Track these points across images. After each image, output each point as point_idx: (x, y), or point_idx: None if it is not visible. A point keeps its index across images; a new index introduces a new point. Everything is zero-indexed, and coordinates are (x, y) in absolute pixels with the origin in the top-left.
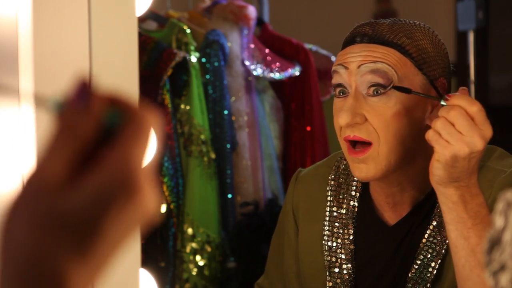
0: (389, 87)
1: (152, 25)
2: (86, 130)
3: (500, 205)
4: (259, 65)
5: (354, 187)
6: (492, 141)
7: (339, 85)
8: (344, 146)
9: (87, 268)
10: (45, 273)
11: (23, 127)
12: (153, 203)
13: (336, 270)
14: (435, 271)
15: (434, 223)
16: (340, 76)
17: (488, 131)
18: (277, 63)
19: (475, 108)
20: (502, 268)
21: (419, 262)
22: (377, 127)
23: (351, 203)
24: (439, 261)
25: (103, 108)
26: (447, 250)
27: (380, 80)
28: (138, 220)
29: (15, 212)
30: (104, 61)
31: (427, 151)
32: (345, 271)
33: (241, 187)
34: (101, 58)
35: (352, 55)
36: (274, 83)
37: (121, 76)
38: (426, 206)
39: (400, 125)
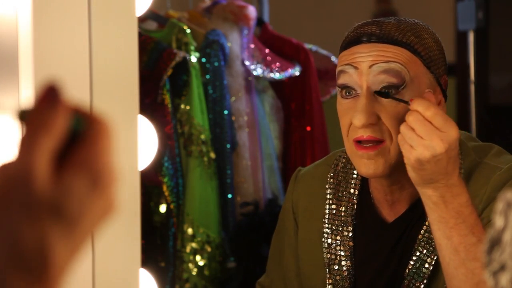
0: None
1: (152, 25)
2: (60, 128)
3: (500, 205)
4: (259, 65)
5: (353, 185)
6: (492, 141)
7: (346, 85)
8: (349, 144)
9: (68, 246)
10: (31, 249)
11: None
12: (114, 196)
13: (336, 267)
14: (431, 267)
15: (424, 227)
16: (349, 76)
17: (450, 133)
18: (277, 63)
19: (430, 113)
20: (502, 268)
21: (415, 258)
22: (390, 125)
23: (350, 200)
24: (435, 257)
25: (70, 113)
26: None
27: (393, 80)
28: (108, 210)
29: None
30: (104, 61)
31: None
32: (344, 268)
33: (241, 187)
34: (101, 58)
35: (361, 54)
36: (274, 83)
37: (121, 76)
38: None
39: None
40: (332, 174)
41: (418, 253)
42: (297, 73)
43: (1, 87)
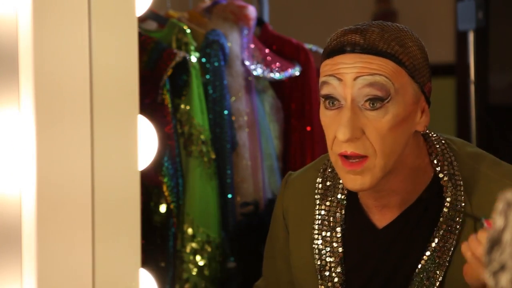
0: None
1: (152, 25)
2: None
3: (500, 205)
4: (259, 65)
5: (341, 190)
6: (492, 141)
7: (330, 96)
8: (334, 157)
9: None
10: None
11: (23, 128)
12: None
13: (327, 273)
14: (438, 283)
15: (437, 235)
16: (333, 88)
17: None
18: (277, 63)
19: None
20: (502, 268)
21: (417, 271)
22: (374, 141)
23: (339, 206)
24: (442, 273)
25: None
26: (451, 261)
27: (378, 93)
28: None
29: None
30: (104, 61)
31: (415, 152)
32: (334, 274)
33: (241, 187)
34: (101, 58)
35: (345, 65)
36: (274, 83)
37: (121, 76)
38: (418, 209)
39: (396, 136)
40: (320, 180)
41: (423, 261)
42: (297, 73)
43: (1, 86)
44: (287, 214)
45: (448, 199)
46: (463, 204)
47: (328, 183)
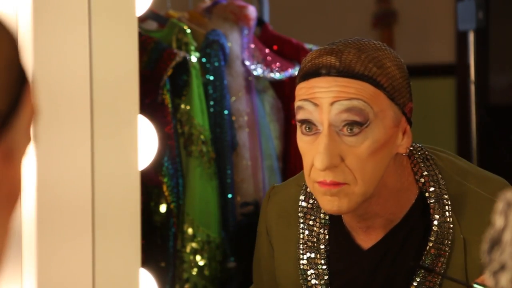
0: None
1: (152, 25)
2: None
3: (500, 205)
4: (259, 65)
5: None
6: (492, 141)
7: (306, 121)
8: (311, 183)
9: None
10: None
11: None
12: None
13: None
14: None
15: (427, 260)
16: (309, 113)
17: None
18: (277, 63)
19: None
20: (502, 268)
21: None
22: (354, 168)
23: (322, 227)
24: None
25: None
26: (441, 285)
27: (356, 118)
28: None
29: None
30: (104, 61)
31: (397, 173)
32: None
33: (241, 187)
34: (101, 58)
35: (321, 89)
36: (274, 83)
37: (121, 76)
38: (403, 230)
39: (376, 162)
40: (303, 197)
41: (418, 279)
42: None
43: None
44: (271, 231)
45: (435, 222)
46: (451, 225)
47: (311, 201)
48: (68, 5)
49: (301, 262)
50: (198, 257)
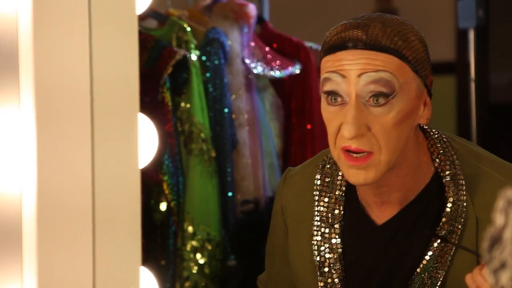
0: None
1: (152, 23)
2: None
3: (500, 203)
4: (259, 63)
5: (339, 187)
6: (493, 140)
7: (333, 92)
8: (337, 152)
9: None
10: None
11: (23, 127)
12: None
13: (326, 269)
14: (439, 282)
15: (438, 240)
16: (337, 84)
17: None
18: (278, 61)
19: None
20: (503, 266)
21: (427, 257)
22: (380, 137)
23: (337, 203)
24: (444, 273)
25: None
26: (452, 261)
27: (383, 90)
28: None
29: None
30: (104, 59)
31: (415, 148)
32: (333, 271)
33: (242, 185)
34: (101, 56)
35: (348, 62)
36: (274, 81)
37: (121, 74)
38: (418, 206)
39: (400, 132)
40: (319, 176)
41: (427, 257)
42: (298, 71)
43: (2, 85)
44: (286, 210)
45: (450, 199)
46: (465, 204)
47: (327, 179)
48: (68, 4)
49: (315, 238)
50: (198, 255)
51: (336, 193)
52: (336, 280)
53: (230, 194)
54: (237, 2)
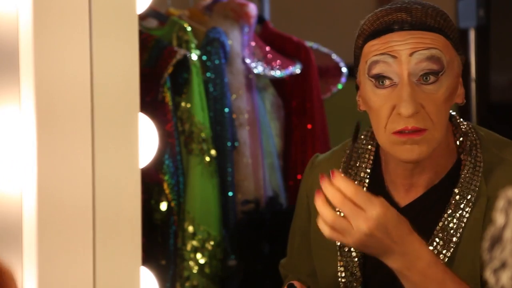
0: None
1: (152, 23)
2: None
3: (501, 203)
4: (259, 63)
5: (364, 169)
6: None
7: (381, 75)
8: (387, 136)
9: None
10: None
11: (24, 127)
12: None
13: (346, 249)
14: (447, 258)
15: (449, 211)
16: (388, 66)
17: (371, 212)
18: (278, 61)
19: (350, 191)
20: (503, 265)
21: (431, 248)
22: (433, 114)
23: (361, 184)
24: (451, 249)
25: None
26: (461, 238)
27: (435, 67)
28: None
29: None
30: (105, 59)
31: (446, 129)
32: (352, 250)
33: (242, 185)
34: (101, 56)
35: (398, 43)
36: (274, 81)
37: (121, 74)
38: (440, 191)
39: (447, 108)
40: (345, 159)
41: (435, 244)
42: (298, 71)
43: (2, 85)
44: (310, 194)
45: (463, 175)
46: (478, 184)
47: (352, 162)
48: (69, 3)
49: None
50: (198, 255)
51: (361, 175)
52: (356, 259)
53: (230, 194)
54: (237, 1)
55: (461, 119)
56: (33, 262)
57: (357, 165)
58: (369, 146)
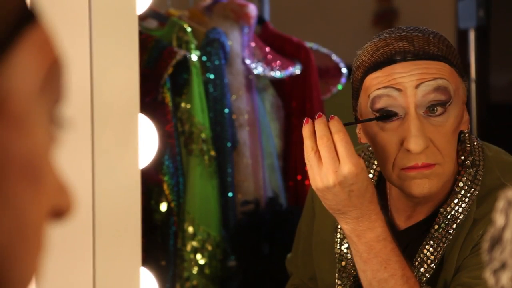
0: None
1: (152, 23)
2: None
3: (500, 203)
4: (259, 64)
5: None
6: (493, 140)
7: (387, 110)
8: (396, 174)
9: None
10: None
11: None
12: None
13: (343, 263)
14: (425, 277)
15: (433, 230)
16: (393, 99)
17: (344, 167)
18: (278, 62)
19: (339, 136)
20: (503, 266)
21: (416, 262)
22: (443, 147)
23: None
24: (432, 270)
25: None
26: (442, 256)
27: (442, 98)
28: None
29: None
30: (105, 60)
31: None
32: (349, 267)
33: (242, 185)
34: (101, 57)
35: (401, 75)
36: (274, 82)
37: (121, 74)
38: (438, 217)
39: (455, 139)
40: None
41: (419, 259)
42: (298, 72)
43: None
44: (316, 198)
45: (450, 197)
46: (468, 207)
47: None
48: (69, 4)
49: (339, 230)
50: (198, 256)
51: None
52: (351, 276)
53: (230, 194)
54: (237, 2)
55: (471, 136)
56: None
57: None
58: (376, 162)
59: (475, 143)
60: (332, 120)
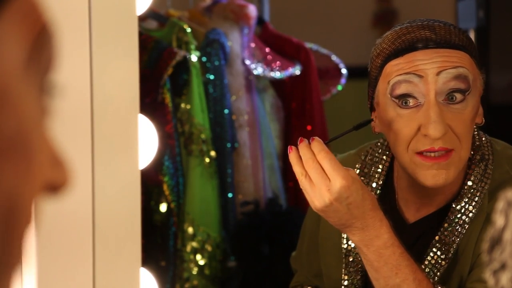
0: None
1: (152, 24)
2: None
3: (500, 204)
4: (259, 64)
5: (376, 179)
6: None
7: (406, 95)
8: (409, 156)
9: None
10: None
11: None
12: None
13: (351, 259)
14: (439, 272)
15: (446, 224)
16: (414, 86)
17: (335, 182)
18: (278, 62)
19: (321, 155)
20: (503, 267)
21: (426, 262)
22: (461, 134)
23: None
24: (449, 261)
25: None
26: (456, 253)
27: (462, 86)
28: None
29: None
30: (105, 60)
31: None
32: (356, 262)
33: (242, 186)
34: (101, 57)
35: (423, 62)
36: (274, 82)
37: (121, 75)
38: (449, 208)
39: (472, 128)
40: (358, 166)
41: (432, 254)
42: (298, 72)
43: None
44: None
45: (462, 191)
46: (480, 201)
47: (365, 170)
48: (69, 4)
49: None
50: (198, 256)
51: (373, 185)
52: (359, 271)
53: (230, 195)
54: (237, 3)
55: (479, 131)
56: (32, 263)
57: (370, 173)
58: (384, 157)
59: (484, 138)
60: (313, 142)
